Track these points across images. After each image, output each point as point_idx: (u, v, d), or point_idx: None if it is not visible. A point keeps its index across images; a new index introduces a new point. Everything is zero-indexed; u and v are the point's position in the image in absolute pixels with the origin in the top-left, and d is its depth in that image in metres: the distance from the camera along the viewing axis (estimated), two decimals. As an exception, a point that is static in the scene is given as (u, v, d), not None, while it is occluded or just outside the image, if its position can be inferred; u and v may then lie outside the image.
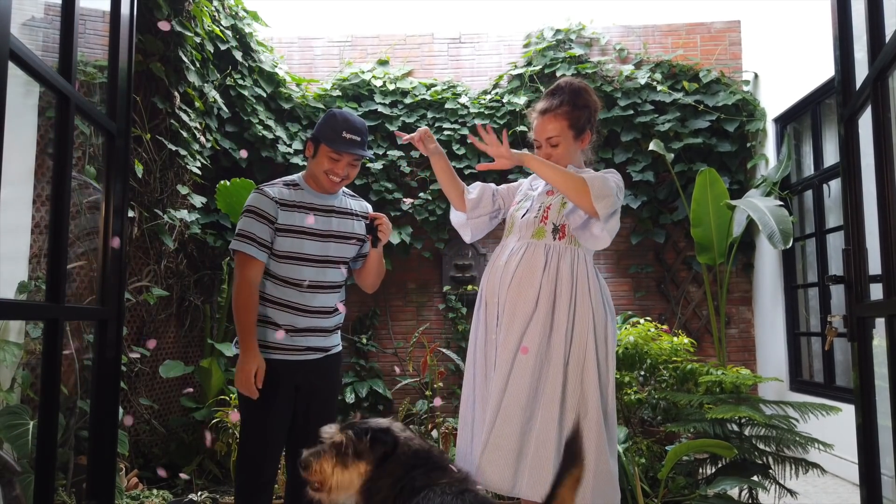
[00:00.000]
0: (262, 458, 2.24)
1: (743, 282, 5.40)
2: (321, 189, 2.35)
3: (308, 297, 2.28)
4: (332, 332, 2.39)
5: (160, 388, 4.27)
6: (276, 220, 2.25)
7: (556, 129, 2.17)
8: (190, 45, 4.17)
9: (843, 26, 1.88)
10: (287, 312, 2.27)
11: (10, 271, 2.86)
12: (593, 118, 2.23)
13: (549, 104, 2.19)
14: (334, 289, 2.36)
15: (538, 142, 2.22)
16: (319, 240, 2.30)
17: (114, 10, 1.89)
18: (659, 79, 5.38)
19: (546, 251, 2.11)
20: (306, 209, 2.31)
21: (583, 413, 1.99)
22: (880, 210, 1.54)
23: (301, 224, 2.28)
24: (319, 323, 2.32)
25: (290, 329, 2.27)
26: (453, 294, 5.44)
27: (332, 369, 2.40)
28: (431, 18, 5.73)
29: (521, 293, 2.07)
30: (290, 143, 5.24)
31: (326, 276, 2.32)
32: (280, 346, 2.27)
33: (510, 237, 2.23)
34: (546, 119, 2.18)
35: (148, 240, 3.97)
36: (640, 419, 3.91)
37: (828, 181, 4.46)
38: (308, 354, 2.31)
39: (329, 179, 2.30)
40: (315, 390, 2.33)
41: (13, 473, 2.43)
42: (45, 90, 2.47)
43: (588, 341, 2.03)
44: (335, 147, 2.25)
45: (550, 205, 2.17)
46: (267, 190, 2.30)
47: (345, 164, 2.29)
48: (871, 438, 1.72)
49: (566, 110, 2.17)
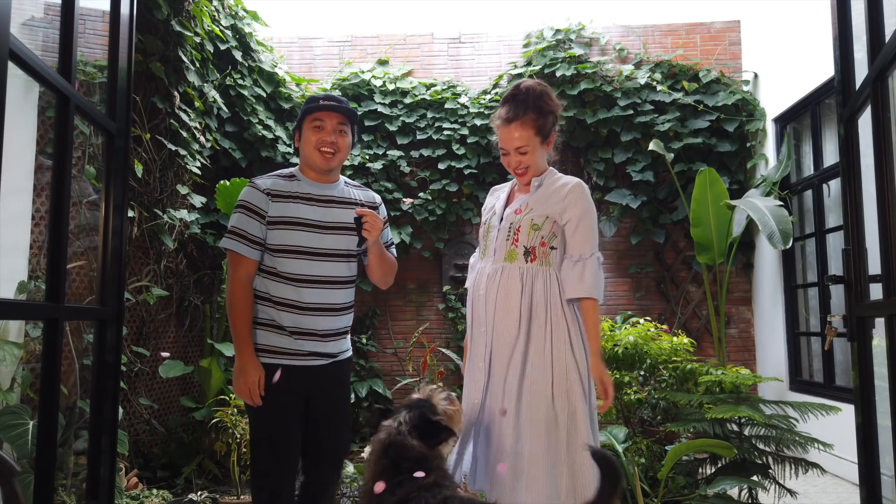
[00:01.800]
0: (276, 473, 2.12)
1: (743, 282, 5.40)
2: (318, 176, 2.25)
3: (306, 292, 2.15)
4: (341, 336, 2.26)
5: (160, 388, 4.27)
6: (266, 213, 2.16)
7: (524, 137, 2.14)
8: (190, 45, 4.17)
9: (843, 26, 1.88)
10: (288, 312, 2.14)
11: (10, 271, 2.85)
12: (556, 121, 2.22)
13: (514, 113, 2.14)
14: (336, 284, 2.21)
15: (505, 150, 2.19)
16: (315, 231, 2.18)
17: (113, 10, 1.89)
18: (659, 79, 5.38)
19: (521, 275, 2.11)
20: (301, 199, 2.20)
21: (572, 426, 2.02)
22: (880, 210, 1.54)
23: (294, 215, 2.17)
24: (324, 323, 2.18)
25: (295, 330, 2.15)
26: (453, 294, 5.44)
27: (342, 377, 2.29)
28: (431, 18, 5.73)
29: (503, 322, 2.10)
30: (289, 143, 5.24)
31: (325, 269, 2.18)
32: (283, 350, 2.15)
33: (485, 260, 2.23)
34: (512, 128, 2.14)
35: (148, 240, 3.97)
36: (639, 419, 3.90)
37: (828, 181, 4.46)
38: (313, 360, 2.18)
39: (320, 153, 2.19)
40: (325, 400, 2.22)
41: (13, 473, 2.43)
42: (45, 90, 2.47)
43: (567, 358, 2.06)
44: (315, 111, 2.18)
45: (520, 226, 2.14)
46: (258, 182, 2.21)
47: (330, 130, 2.19)
48: (870, 438, 1.72)
49: (532, 118, 2.13)
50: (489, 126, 5.42)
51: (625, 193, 5.34)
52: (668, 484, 3.23)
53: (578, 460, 1.98)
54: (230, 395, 3.70)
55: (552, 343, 2.06)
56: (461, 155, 5.40)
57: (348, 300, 2.28)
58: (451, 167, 5.40)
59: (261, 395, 2.10)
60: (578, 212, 2.11)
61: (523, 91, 2.16)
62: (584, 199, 2.13)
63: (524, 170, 2.18)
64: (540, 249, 2.13)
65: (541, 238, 2.12)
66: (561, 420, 2.01)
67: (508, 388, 2.06)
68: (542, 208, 2.13)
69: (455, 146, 5.39)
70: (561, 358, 2.05)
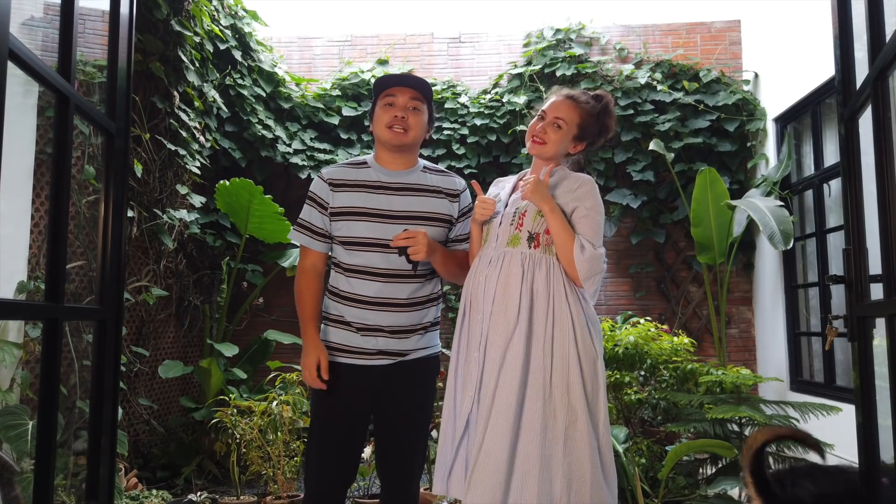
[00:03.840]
0: (320, 479, 2.05)
1: (743, 281, 5.40)
2: (392, 160, 2.14)
3: (369, 286, 2.05)
4: (413, 333, 2.11)
5: (159, 388, 4.27)
6: (328, 203, 2.09)
7: (569, 116, 2.13)
8: (189, 45, 4.17)
9: (843, 26, 1.88)
10: (352, 306, 2.06)
11: (9, 271, 2.85)
12: (599, 136, 2.21)
13: (579, 96, 2.16)
14: (403, 278, 2.08)
15: (545, 114, 2.15)
16: (381, 221, 2.06)
17: (113, 10, 1.89)
18: (659, 78, 5.38)
19: (522, 261, 2.06)
20: (368, 187, 2.09)
21: (571, 420, 1.95)
22: (880, 210, 1.53)
23: (356, 204, 2.07)
24: (390, 319, 2.07)
25: (361, 326, 2.06)
26: (453, 294, 5.44)
27: (416, 378, 2.13)
28: (431, 18, 5.73)
29: (503, 307, 2.03)
30: (289, 143, 5.23)
31: (390, 262, 2.05)
32: (350, 347, 2.07)
33: (486, 247, 2.16)
34: (567, 102, 2.14)
35: (147, 239, 3.97)
36: (640, 419, 3.90)
37: (828, 181, 4.46)
38: (380, 359, 2.07)
39: (392, 132, 2.08)
40: (393, 403, 2.10)
41: (13, 473, 2.43)
42: (45, 90, 2.47)
43: (570, 350, 1.99)
44: (386, 87, 2.10)
45: (525, 211, 2.11)
46: (323, 172, 2.15)
47: (402, 106, 2.08)
48: (871, 438, 1.72)
49: (588, 110, 2.14)
50: (489, 126, 5.46)
51: (625, 193, 5.33)
52: (669, 484, 3.23)
53: (577, 458, 1.92)
54: (230, 395, 3.71)
55: (553, 335, 1.99)
56: (461, 155, 5.40)
57: (420, 294, 2.12)
58: (451, 167, 5.40)
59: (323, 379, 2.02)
60: (588, 204, 2.08)
61: (602, 95, 2.20)
62: (595, 194, 2.11)
63: (542, 141, 2.14)
64: (545, 237, 2.08)
65: (546, 225, 2.08)
66: (560, 416, 1.95)
67: (504, 381, 1.96)
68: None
69: (455, 146, 5.39)
70: (562, 351, 1.98)
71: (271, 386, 3.69)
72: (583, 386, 1.98)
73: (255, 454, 3.36)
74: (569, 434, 1.94)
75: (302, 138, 5.29)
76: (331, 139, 5.42)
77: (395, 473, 2.14)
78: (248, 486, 3.69)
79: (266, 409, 3.40)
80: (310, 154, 5.23)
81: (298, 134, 5.32)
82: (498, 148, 5.40)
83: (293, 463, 3.44)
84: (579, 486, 1.92)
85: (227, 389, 4.04)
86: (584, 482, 1.92)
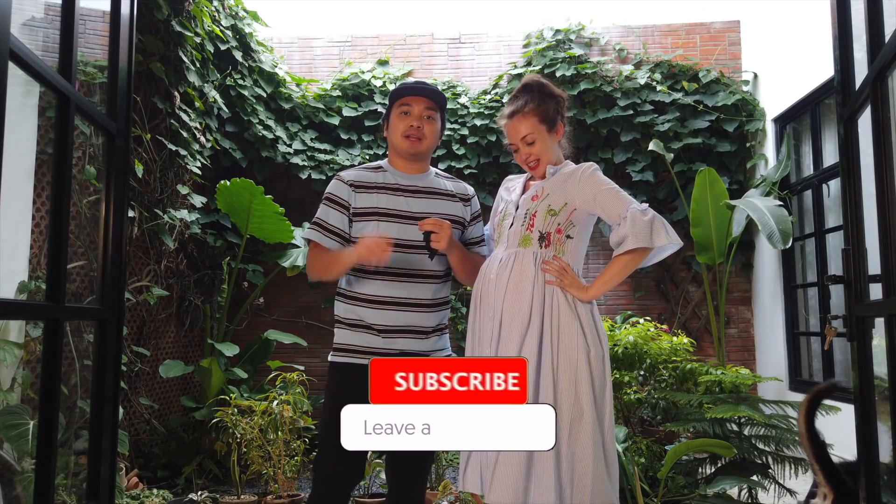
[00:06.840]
0: (326, 479, 2.04)
1: (742, 281, 5.40)
2: (407, 165, 2.19)
3: (392, 286, 2.08)
4: (430, 334, 2.14)
5: (160, 388, 4.27)
6: (350, 204, 2.12)
7: (528, 126, 2.14)
8: (190, 45, 4.17)
9: (843, 26, 1.88)
10: (374, 308, 2.08)
11: (10, 271, 2.86)
12: (562, 108, 2.21)
13: (516, 106, 2.16)
14: (425, 278, 2.12)
15: (514, 145, 2.19)
16: (401, 222, 2.11)
17: (114, 10, 1.89)
18: (658, 79, 5.38)
19: (535, 260, 2.09)
20: (388, 190, 2.14)
21: (577, 415, 1.99)
22: (880, 210, 1.54)
23: (378, 205, 2.11)
24: (414, 319, 2.09)
25: (383, 328, 2.07)
26: (453, 294, 5.44)
27: None
28: (431, 18, 5.73)
29: (515, 306, 2.06)
30: (290, 143, 5.24)
31: (411, 262, 2.09)
32: (371, 349, 2.06)
33: (498, 248, 2.20)
34: (516, 121, 2.16)
35: (148, 240, 3.98)
36: (639, 419, 3.91)
37: (827, 181, 4.46)
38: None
39: (409, 141, 2.13)
40: None
41: (14, 473, 2.43)
42: (45, 90, 2.47)
43: (579, 346, 2.02)
44: (402, 95, 2.13)
45: (536, 211, 2.13)
46: (343, 174, 2.18)
47: (417, 116, 2.12)
48: (870, 438, 1.72)
49: (533, 107, 2.14)
50: (489, 126, 5.46)
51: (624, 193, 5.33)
52: (668, 484, 3.23)
53: (580, 452, 1.96)
54: (230, 394, 3.71)
55: (559, 332, 2.03)
56: (461, 155, 5.40)
57: (439, 295, 2.17)
58: (451, 167, 5.40)
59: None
60: (594, 186, 2.10)
61: (522, 85, 2.20)
62: (596, 175, 2.12)
63: (535, 161, 2.17)
64: (555, 236, 2.10)
65: (557, 224, 2.10)
66: (564, 410, 1.97)
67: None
68: (560, 194, 2.11)
69: (455, 146, 5.39)
70: (570, 349, 2.01)
71: (272, 385, 3.70)
72: (591, 383, 2.02)
73: (256, 454, 3.37)
74: (573, 428, 1.97)
75: (302, 139, 5.30)
76: (331, 139, 5.43)
77: (406, 476, 2.14)
78: (248, 485, 3.70)
79: (267, 409, 3.40)
80: (310, 154, 5.23)
81: (299, 134, 5.33)
82: (498, 148, 5.40)
83: (294, 462, 3.44)
84: (581, 479, 1.95)
85: (228, 389, 4.05)
86: (586, 475, 1.95)
